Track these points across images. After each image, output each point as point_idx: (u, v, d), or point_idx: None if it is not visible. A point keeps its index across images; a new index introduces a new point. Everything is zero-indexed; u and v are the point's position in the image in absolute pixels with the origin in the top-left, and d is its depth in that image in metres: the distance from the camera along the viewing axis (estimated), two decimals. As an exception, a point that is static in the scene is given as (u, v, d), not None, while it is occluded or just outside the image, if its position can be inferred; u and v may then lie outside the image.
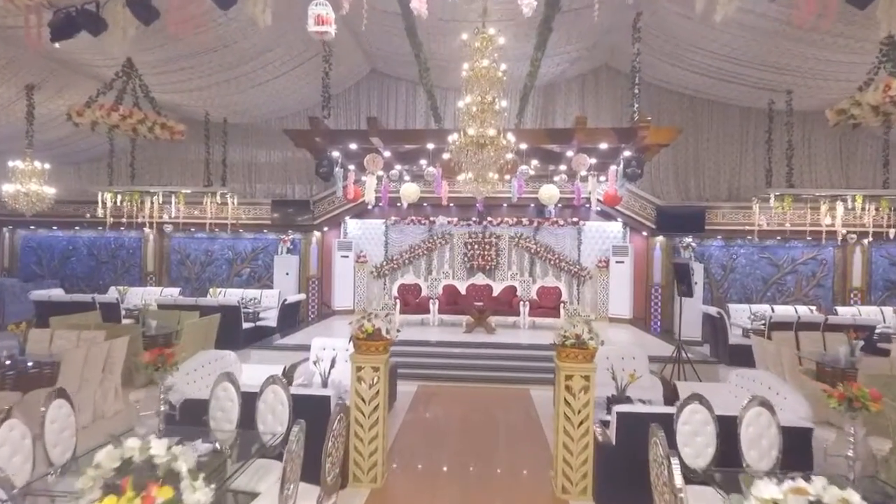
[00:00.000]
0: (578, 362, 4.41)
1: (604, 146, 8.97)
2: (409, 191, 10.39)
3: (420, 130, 10.60)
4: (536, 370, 8.12)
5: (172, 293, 12.43)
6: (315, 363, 5.82)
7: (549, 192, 10.16)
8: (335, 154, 9.61)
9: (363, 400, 4.54)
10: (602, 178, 10.37)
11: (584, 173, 11.05)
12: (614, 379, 5.43)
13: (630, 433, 4.22)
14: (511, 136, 6.38)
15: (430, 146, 9.27)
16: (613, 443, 4.27)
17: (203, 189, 11.59)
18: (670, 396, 6.02)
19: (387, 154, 9.93)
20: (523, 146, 9.04)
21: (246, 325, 10.47)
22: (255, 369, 6.56)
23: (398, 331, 4.71)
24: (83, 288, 13.59)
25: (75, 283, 13.87)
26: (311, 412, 4.49)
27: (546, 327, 10.58)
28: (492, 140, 6.20)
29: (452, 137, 6.35)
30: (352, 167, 10.36)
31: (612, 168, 9.76)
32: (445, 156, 10.23)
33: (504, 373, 8.16)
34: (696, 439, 3.82)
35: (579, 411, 4.36)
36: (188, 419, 4.43)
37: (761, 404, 3.81)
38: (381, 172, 10.79)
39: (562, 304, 10.53)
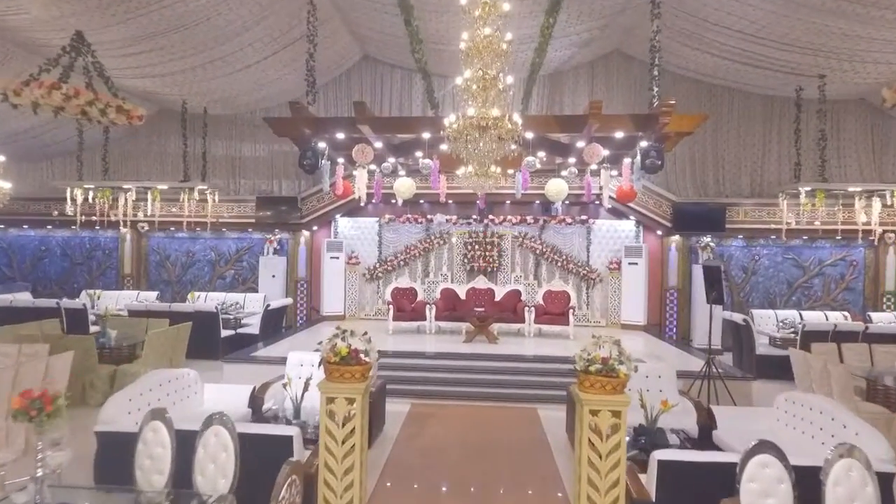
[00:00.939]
0: (606, 394, 3.49)
1: (619, 135, 8.06)
2: (404, 186, 9.46)
3: (414, 118, 9.67)
4: (544, 386, 7.22)
5: (149, 297, 11.53)
6: (285, 385, 4.91)
7: (556, 187, 9.23)
8: (321, 145, 8.70)
9: (335, 440, 3.62)
10: (613, 173, 9.45)
11: (594, 167, 10.15)
12: (643, 406, 4.52)
13: (675, 488, 3.31)
14: (517, 118, 5.46)
15: (426, 135, 8.36)
16: (653, 499, 3.36)
17: (180, 184, 10.67)
18: (705, 424, 5.11)
19: (378, 145, 9.01)
20: (529, 135, 8.12)
21: (226, 333, 9.58)
22: (220, 391, 5.66)
23: (379, 353, 3.81)
24: (56, 291, 12.70)
25: (48, 285, 12.98)
26: (269, 458, 3.58)
27: (554, 335, 9.67)
28: (495, 122, 5.29)
29: (450, 119, 5.44)
30: (341, 160, 9.45)
31: (626, 161, 8.84)
32: (443, 147, 9.35)
33: (509, 389, 7.24)
34: (767, 502, 2.91)
35: (607, 456, 3.44)
36: (118, 465, 3.51)
37: (853, 455, 2.91)
38: (373, 166, 9.90)
39: (570, 310, 9.60)
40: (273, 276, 11.84)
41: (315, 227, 11.98)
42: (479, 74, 5.25)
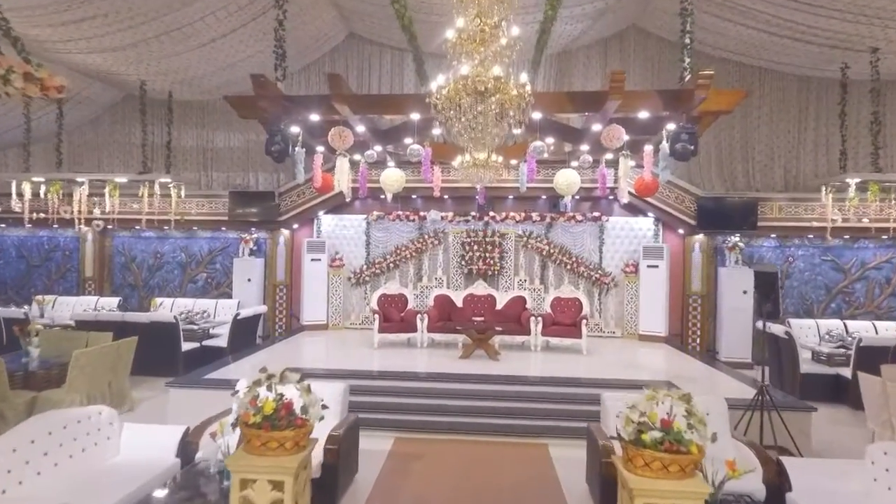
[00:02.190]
0: (670, 477, 2.25)
1: (643, 116, 6.83)
2: (391, 178, 8.23)
3: (400, 96, 8.33)
4: (556, 415, 5.98)
5: (110, 304, 10.31)
6: (214, 436, 3.66)
7: (567, 179, 8.00)
8: (294, 129, 7.48)
9: (252, 547, 2.38)
10: (631, 163, 8.19)
11: (610, 156, 8.90)
12: (702, 470, 3.27)
13: None
14: (525, 79, 4.22)
15: (415, 116, 7.13)
16: None
17: (139, 177, 9.41)
18: (773, 481, 3.87)
19: (360, 130, 7.79)
20: (536, 115, 6.89)
21: (189, 347, 8.37)
22: (143, 434, 4.38)
23: (325, 408, 2.57)
24: (12, 296, 11.49)
25: (2, 290, 11.76)
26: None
27: (564, 350, 8.42)
28: (497, 85, 4.05)
29: (439, 82, 4.20)
30: (320, 149, 8.23)
31: (647, 148, 7.62)
32: (436, 131, 8.12)
33: (513, 419, 6.00)
34: None
35: (673, 578, 2.20)
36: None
37: None
38: (358, 157, 8.68)
39: (583, 321, 8.32)
40: (249, 280, 10.61)
41: (295, 226, 10.75)
42: (476, 24, 4.02)
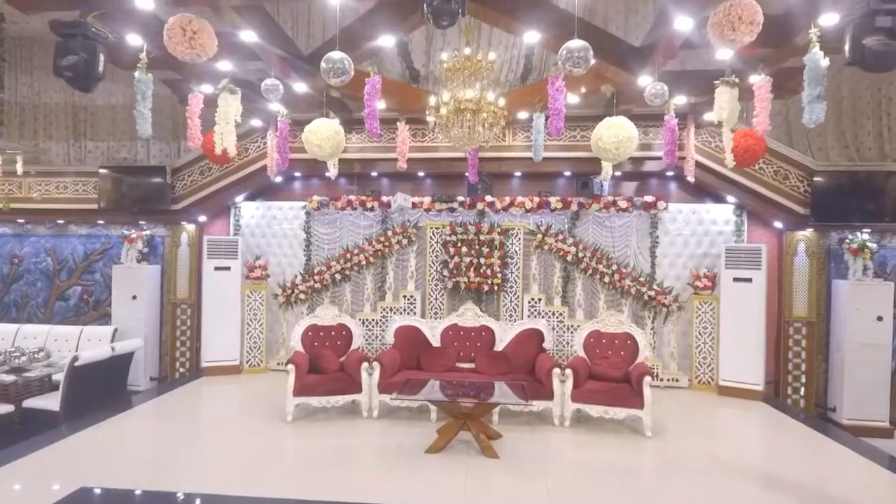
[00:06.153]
0: None
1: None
2: (321, 134, 4.88)
3: None
4: None
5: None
6: None
7: (617, 134, 4.61)
8: (135, 41, 4.13)
9: None
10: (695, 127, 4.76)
11: (682, 99, 5.49)
12: None
13: None
14: None
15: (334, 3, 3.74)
16: None
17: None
18: None
19: (252, 40, 4.40)
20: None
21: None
22: None
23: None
24: None
25: None
26: None
27: (610, 426, 4.97)
28: None
29: None
30: (207, 88, 4.89)
31: (757, 79, 4.25)
32: (388, 41, 4.66)
33: None
34: None
35: None
36: None
37: None
38: (276, 105, 5.35)
39: (644, 377, 4.85)
40: (134, 298, 7.22)
41: (203, 217, 7.36)
42: None
